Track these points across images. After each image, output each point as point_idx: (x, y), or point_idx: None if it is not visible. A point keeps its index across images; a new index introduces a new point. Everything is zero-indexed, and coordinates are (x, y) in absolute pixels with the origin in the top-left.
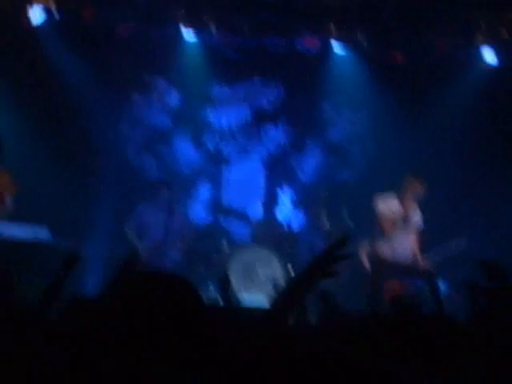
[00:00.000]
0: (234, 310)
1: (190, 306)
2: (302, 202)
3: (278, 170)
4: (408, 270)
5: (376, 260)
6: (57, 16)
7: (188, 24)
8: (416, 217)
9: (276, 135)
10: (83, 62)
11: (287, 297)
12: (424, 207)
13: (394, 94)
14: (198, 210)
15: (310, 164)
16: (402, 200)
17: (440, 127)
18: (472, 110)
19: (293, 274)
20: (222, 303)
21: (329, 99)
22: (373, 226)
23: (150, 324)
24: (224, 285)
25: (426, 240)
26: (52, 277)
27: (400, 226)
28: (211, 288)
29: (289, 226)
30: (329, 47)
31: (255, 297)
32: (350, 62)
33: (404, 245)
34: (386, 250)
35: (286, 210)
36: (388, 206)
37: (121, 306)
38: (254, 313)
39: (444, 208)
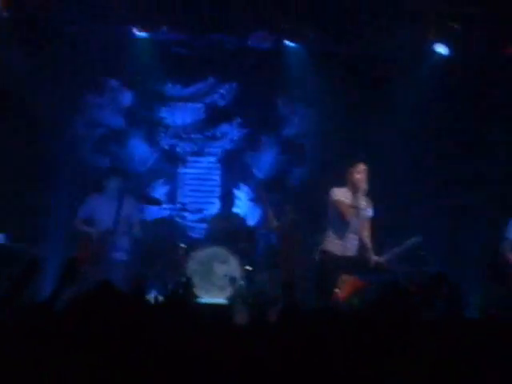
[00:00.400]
0: (193, 306)
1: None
2: (258, 198)
3: (234, 168)
4: (359, 265)
5: (327, 255)
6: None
7: (138, 22)
8: (365, 205)
9: (231, 132)
10: (35, 62)
11: None
12: (378, 199)
13: (346, 88)
14: (154, 209)
15: (265, 161)
16: (352, 187)
17: (393, 120)
18: (425, 100)
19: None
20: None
21: (282, 95)
22: (325, 219)
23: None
24: (186, 289)
25: (383, 234)
26: (10, 281)
27: (353, 213)
28: (169, 287)
29: (245, 223)
30: (281, 42)
31: (215, 300)
32: (301, 57)
33: (355, 235)
34: (336, 244)
35: (242, 206)
36: (342, 193)
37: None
38: (211, 308)
39: (398, 200)
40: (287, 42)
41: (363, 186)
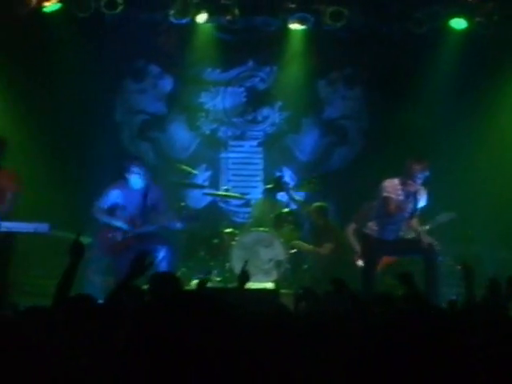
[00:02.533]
0: (241, 292)
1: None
2: (301, 180)
3: (276, 151)
4: (400, 246)
5: (367, 238)
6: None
7: (178, 7)
8: (420, 197)
9: (272, 115)
10: (78, 50)
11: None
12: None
13: (385, 67)
14: (197, 194)
15: (307, 143)
16: (404, 184)
17: (430, 98)
18: (456, 75)
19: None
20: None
21: (323, 77)
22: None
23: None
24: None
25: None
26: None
27: (398, 212)
28: (215, 272)
29: (289, 206)
30: (319, 23)
31: (261, 284)
32: (341, 38)
33: (395, 226)
34: (374, 230)
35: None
36: (393, 188)
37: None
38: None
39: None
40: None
41: (418, 185)
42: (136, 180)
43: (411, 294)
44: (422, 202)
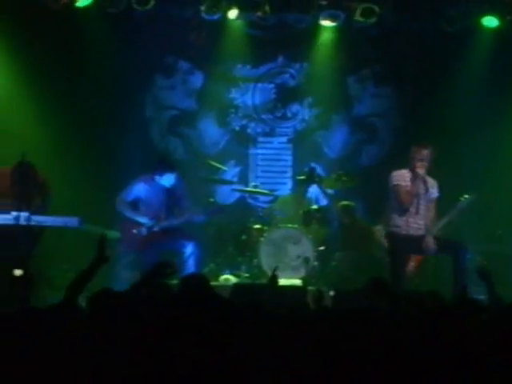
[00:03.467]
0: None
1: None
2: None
3: (305, 147)
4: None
5: (392, 238)
6: None
7: (209, 3)
8: (430, 186)
9: (301, 112)
10: (108, 46)
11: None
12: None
13: (416, 65)
14: (226, 190)
15: (336, 140)
16: (411, 172)
17: (461, 96)
18: (487, 73)
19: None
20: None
21: (353, 74)
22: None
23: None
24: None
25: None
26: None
27: (411, 199)
28: (242, 268)
29: (317, 202)
30: (350, 20)
31: (289, 281)
32: (370, 35)
33: (415, 218)
34: (398, 227)
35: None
36: (402, 177)
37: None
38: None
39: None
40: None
41: (421, 172)
42: (167, 180)
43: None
44: (435, 192)
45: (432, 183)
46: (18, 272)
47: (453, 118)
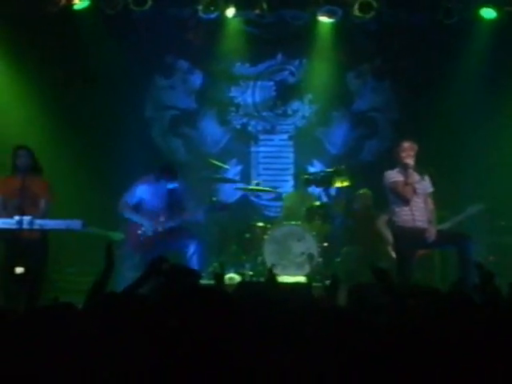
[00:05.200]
0: (272, 286)
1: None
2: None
3: (307, 144)
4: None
5: (400, 231)
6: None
7: (206, 2)
8: (422, 178)
9: (302, 109)
10: (107, 47)
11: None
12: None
13: (415, 58)
14: (228, 189)
15: (337, 136)
16: (403, 165)
17: (460, 88)
18: (486, 65)
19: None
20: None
21: (353, 69)
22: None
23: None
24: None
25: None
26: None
27: (410, 191)
28: (247, 266)
29: (320, 199)
30: (348, 16)
31: (294, 278)
32: (369, 30)
33: (418, 212)
34: (406, 217)
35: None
36: (395, 174)
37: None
38: (290, 287)
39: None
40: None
41: (410, 162)
42: (170, 185)
43: (386, 288)
44: (428, 186)
45: (425, 177)
46: (19, 270)
47: (453, 110)
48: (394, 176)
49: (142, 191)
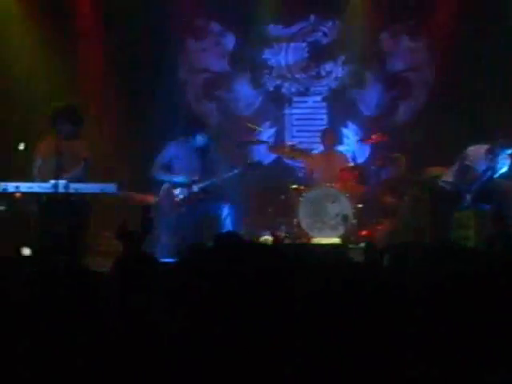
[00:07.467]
0: (308, 247)
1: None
2: (366, 135)
3: (340, 106)
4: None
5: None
6: None
7: None
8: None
9: (335, 70)
10: (138, 10)
11: None
12: None
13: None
14: (262, 151)
15: (371, 97)
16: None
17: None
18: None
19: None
20: None
21: (386, 29)
22: None
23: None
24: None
25: None
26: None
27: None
28: (283, 228)
29: (354, 160)
30: None
31: (328, 239)
32: None
33: None
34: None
35: (350, 144)
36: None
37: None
38: (325, 248)
39: None
40: None
41: None
42: (199, 140)
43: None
44: None
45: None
46: (26, 251)
47: (487, 70)
48: (472, 160)
49: (172, 151)
